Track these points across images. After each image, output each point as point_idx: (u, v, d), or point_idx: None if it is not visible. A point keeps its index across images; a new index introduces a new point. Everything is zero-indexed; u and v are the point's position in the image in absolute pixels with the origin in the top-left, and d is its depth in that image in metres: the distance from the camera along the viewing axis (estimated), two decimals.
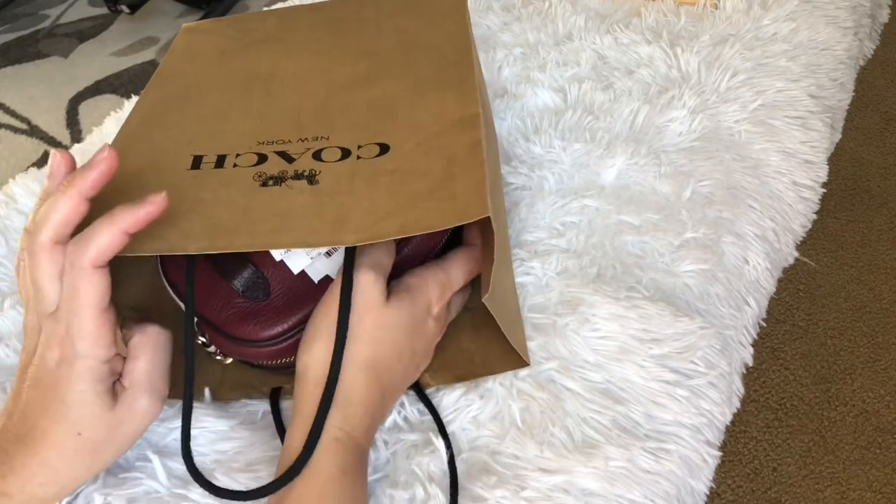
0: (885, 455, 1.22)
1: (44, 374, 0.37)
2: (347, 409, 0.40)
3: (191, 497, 0.42)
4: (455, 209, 0.39)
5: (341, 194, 0.41)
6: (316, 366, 0.41)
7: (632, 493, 0.43)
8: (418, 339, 0.44)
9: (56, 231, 0.36)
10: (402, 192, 0.41)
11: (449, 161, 0.43)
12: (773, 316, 1.39)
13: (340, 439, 0.39)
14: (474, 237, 0.48)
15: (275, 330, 0.43)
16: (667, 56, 0.74)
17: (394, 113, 0.47)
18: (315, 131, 0.46)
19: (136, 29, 2.17)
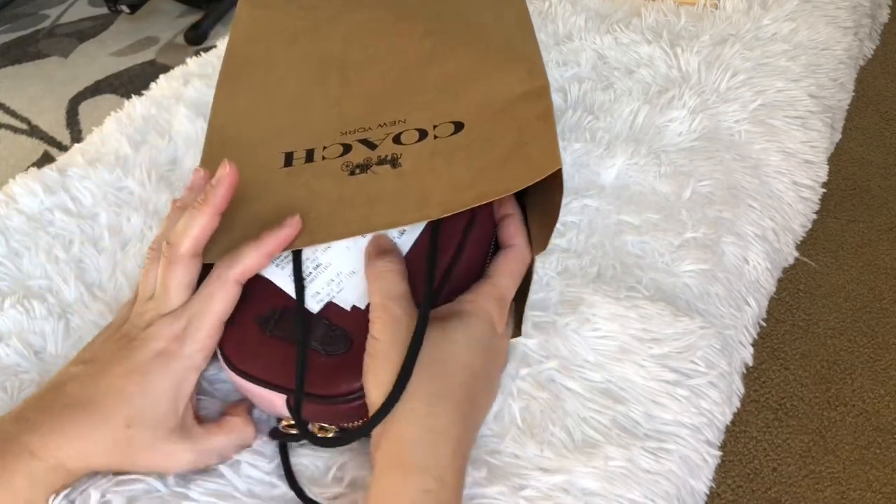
0: (885, 455, 1.22)
1: (135, 358, 0.40)
2: (432, 451, 0.37)
3: (191, 496, 0.42)
4: (529, 169, 0.42)
5: (423, 173, 0.44)
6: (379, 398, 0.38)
7: (632, 493, 0.43)
8: (491, 361, 0.42)
9: (194, 244, 0.42)
10: (479, 164, 0.44)
11: (520, 130, 0.45)
12: (773, 316, 1.39)
13: (432, 490, 0.36)
14: (511, 236, 0.45)
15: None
16: (667, 56, 0.74)
17: (464, 90, 0.49)
18: (392, 115, 0.49)
19: (136, 29, 2.17)
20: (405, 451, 0.37)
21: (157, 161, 0.64)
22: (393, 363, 0.38)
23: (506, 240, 0.46)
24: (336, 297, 0.42)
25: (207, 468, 0.42)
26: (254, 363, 0.41)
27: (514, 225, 0.46)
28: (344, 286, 0.42)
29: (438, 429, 0.37)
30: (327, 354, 0.40)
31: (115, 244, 0.57)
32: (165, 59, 2.04)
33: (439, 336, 0.39)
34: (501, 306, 0.43)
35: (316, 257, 0.43)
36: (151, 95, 0.72)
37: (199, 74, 0.73)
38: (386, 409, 0.37)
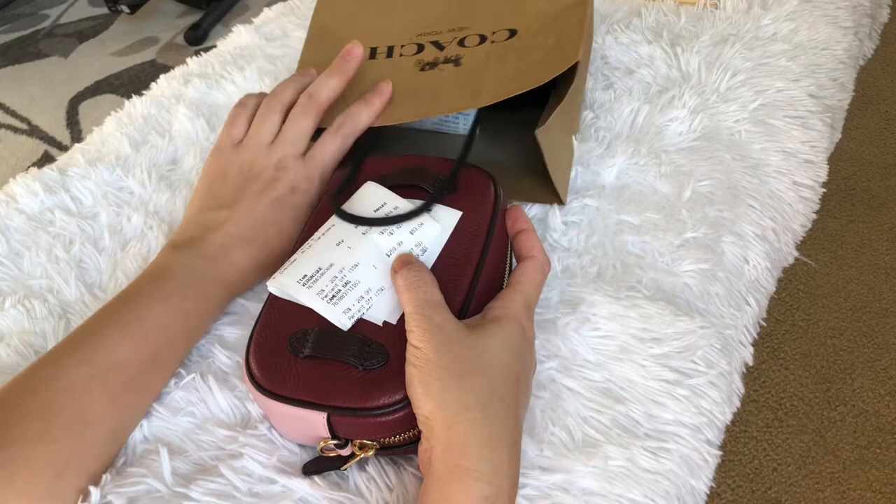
0: (885, 455, 1.22)
1: (275, 194, 0.51)
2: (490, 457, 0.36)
3: (192, 496, 0.42)
4: (559, 64, 0.52)
5: (478, 71, 0.55)
6: (440, 411, 0.37)
7: (632, 493, 0.43)
8: (527, 365, 0.42)
9: (329, 99, 0.55)
10: (524, 63, 0.54)
11: (559, 35, 0.55)
12: (773, 316, 1.39)
13: (489, 497, 0.36)
14: (529, 248, 0.47)
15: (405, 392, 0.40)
16: (667, 56, 0.74)
17: (522, 3, 0.60)
18: (460, 22, 0.60)
19: (136, 29, 2.17)
20: (465, 459, 0.36)
21: (157, 161, 0.64)
22: (440, 369, 0.38)
23: (524, 252, 0.47)
24: (367, 313, 0.42)
25: None
26: (289, 384, 0.40)
27: (531, 238, 0.47)
28: (374, 303, 0.43)
29: (494, 435, 0.37)
30: (365, 369, 0.40)
31: (115, 244, 0.57)
32: (165, 59, 2.04)
33: (479, 343, 0.39)
34: (529, 314, 0.44)
35: (344, 275, 0.43)
36: (151, 95, 0.72)
37: (199, 74, 0.74)
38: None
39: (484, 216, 0.47)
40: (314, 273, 0.44)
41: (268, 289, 0.45)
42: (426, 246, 0.45)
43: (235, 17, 2.18)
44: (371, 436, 0.41)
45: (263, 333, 0.43)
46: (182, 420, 0.46)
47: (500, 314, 0.42)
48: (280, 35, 0.78)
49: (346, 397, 0.39)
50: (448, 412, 0.37)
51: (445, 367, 0.38)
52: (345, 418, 0.40)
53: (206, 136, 0.66)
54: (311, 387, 0.40)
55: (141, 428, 0.46)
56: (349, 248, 0.45)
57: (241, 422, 0.46)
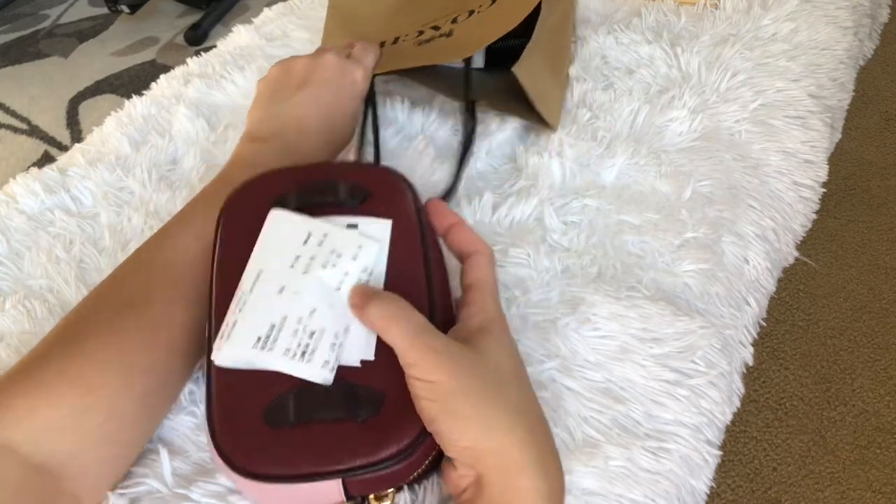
0: (885, 455, 1.22)
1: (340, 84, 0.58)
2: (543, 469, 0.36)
3: (192, 497, 0.42)
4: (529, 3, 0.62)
5: (465, 32, 0.63)
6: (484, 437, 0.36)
7: (632, 493, 0.43)
8: (522, 363, 0.41)
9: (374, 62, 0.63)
10: (502, 13, 0.63)
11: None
12: (773, 316, 1.39)
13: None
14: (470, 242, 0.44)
15: (417, 424, 0.37)
16: (667, 56, 0.74)
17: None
18: (455, 10, 0.68)
19: (136, 29, 2.17)
20: (523, 479, 0.36)
21: (157, 161, 0.64)
22: (466, 396, 0.36)
23: (465, 247, 0.44)
24: (341, 358, 0.38)
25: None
26: (289, 461, 0.36)
27: (465, 231, 0.44)
28: (344, 345, 0.39)
29: (541, 446, 0.37)
30: (362, 421, 0.37)
31: (115, 244, 0.57)
32: (165, 59, 2.04)
33: (485, 359, 0.38)
34: (499, 308, 0.42)
35: (305, 326, 0.39)
36: (151, 95, 0.72)
37: (199, 74, 0.74)
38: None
39: (409, 219, 0.43)
40: (269, 332, 0.38)
41: (214, 362, 0.38)
42: (371, 268, 0.41)
43: (235, 17, 2.18)
44: (389, 485, 0.39)
45: (226, 415, 0.37)
46: (184, 419, 0.46)
47: (483, 321, 0.40)
48: (280, 35, 0.78)
49: (356, 455, 0.36)
50: (494, 438, 0.36)
51: (470, 393, 0.36)
52: (358, 478, 0.37)
53: (206, 136, 0.66)
54: (314, 457, 0.36)
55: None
56: (295, 293, 0.39)
57: None
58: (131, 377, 0.42)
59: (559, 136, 0.65)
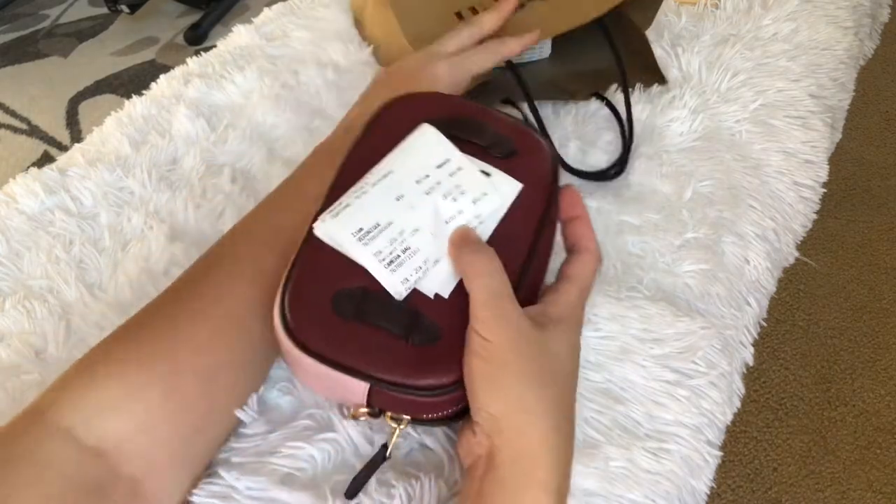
0: (885, 455, 1.22)
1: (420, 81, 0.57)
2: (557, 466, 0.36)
3: (194, 500, 0.42)
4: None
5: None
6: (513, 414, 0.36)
7: (632, 493, 0.43)
8: (579, 366, 0.41)
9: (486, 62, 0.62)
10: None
11: None
12: (773, 316, 1.39)
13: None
14: (583, 238, 0.43)
15: (458, 370, 0.38)
16: (668, 56, 0.74)
17: None
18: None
19: (136, 29, 2.17)
20: (540, 470, 0.36)
21: (157, 161, 0.64)
22: (515, 371, 0.36)
23: (579, 241, 0.43)
24: (420, 283, 0.39)
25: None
26: (332, 345, 0.37)
27: (586, 226, 0.43)
28: (429, 273, 0.39)
29: (560, 444, 0.37)
30: (414, 345, 0.38)
31: (115, 244, 0.57)
32: (165, 59, 2.04)
33: (551, 346, 0.38)
34: (583, 311, 0.42)
35: (404, 239, 0.39)
36: (151, 95, 0.72)
37: (199, 74, 0.73)
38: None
39: (541, 190, 0.43)
40: (371, 228, 0.39)
41: (314, 230, 0.40)
42: (484, 218, 0.41)
43: (235, 17, 2.18)
44: (410, 412, 0.39)
45: (304, 281, 0.39)
46: None
47: (565, 314, 0.39)
48: (280, 35, 0.78)
49: (394, 371, 0.37)
50: (523, 418, 0.36)
51: (520, 370, 0.36)
52: (387, 392, 0.38)
53: (206, 136, 0.66)
54: (357, 353, 0.37)
55: None
56: (410, 206, 0.40)
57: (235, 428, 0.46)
58: (189, 355, 0.40)
59: (559, 136, 0.65)
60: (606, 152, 0.64)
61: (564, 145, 0.64)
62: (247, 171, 0.63)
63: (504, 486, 0.36)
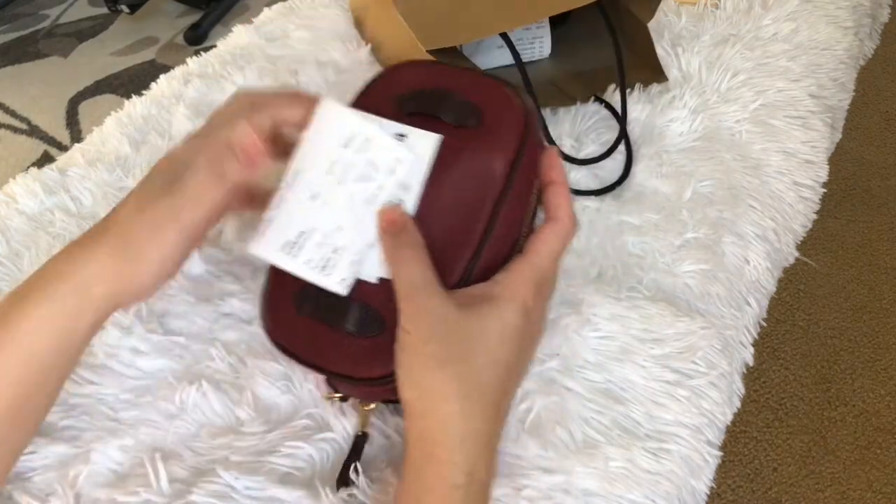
0: (885, 455, 1.22)
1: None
2: (464, 449, 0.36)
3: (194, 499, 0.42)
4: None
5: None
6: (419, 399, 0.37)
7: (632, 493, 0.43)
8: (524, 349, 0.40)
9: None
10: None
11: None
12: (774, 316, 1.39)
13: (461, 485, 0.36)
14: (556, 207, 0.41)
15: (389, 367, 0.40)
16: (668, 56, 0.74)
17: None
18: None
19: (136, 29, 2.17)
20: (439, 449, 0.36)
21: (156, 161, 0.64)
22: (425, 356, 0.37)
23: (549, 211, 0.41)
24: (361, 273, 0.40)
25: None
26: (294, 340, 0.41)
27: (560, 194, 0.41)
28: (367, 260, 0.40)
29: (471, 428, 0.37)
30: (362, 337, 0.39)
31: None
32: (165, 59, 2.04)
33: (469, 327, 0.37)
34: (538, 291, 0.39)
35: (330, 241, 0.40)
36: (151, 95, 0.72)
37: (199, 74, 0.73)
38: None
39: (505, 155, 0.40)
40: (297, 238, 0.40)
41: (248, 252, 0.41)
42: (409, 184, 0.40)
43: (235, 17, 2.18)
44: (369, 398, 0.43)
45: (275, 282, 0.42)
46: (178, 425, 0.46)
47: (499, 292, 0.38)
48: (280, 35, 0.78)
49: (343, 365, 0.40)
50: (426, 404, 0.37)
51: (431, 354, 0.36)
52: (343, 383, 0.41)
53: None
54: (311, 348, 0.40)
55: (135, 434, 0.46)
56: (326, 203, 0.40)
57: (234, 427, 0.46)
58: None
59: (559, 136, 0.65)
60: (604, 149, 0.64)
61: (562, 144, 0.64)
62: None
63: (410, 467, 0.37)
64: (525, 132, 0.41)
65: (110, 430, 0.46)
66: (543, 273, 0.40)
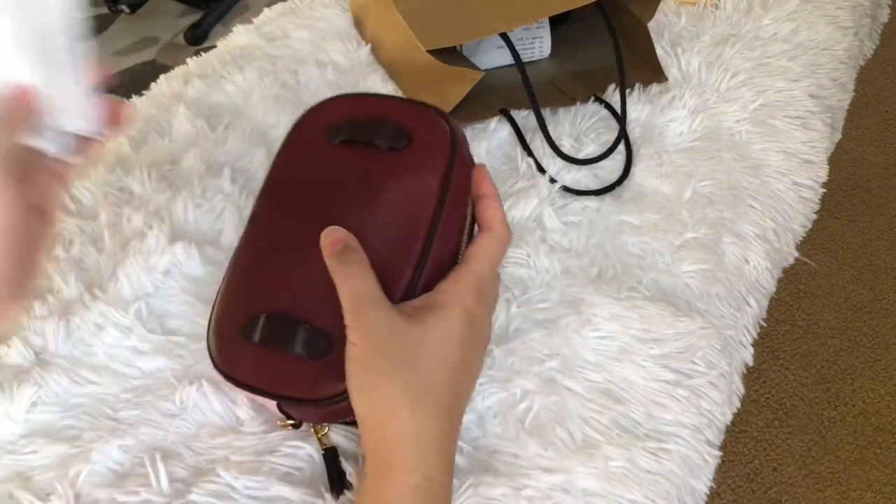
0: (885, 455, 1.22)
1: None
2: (418, 451, 0.37)
3: (193, 498, 0.42)
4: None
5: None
6: (372, 412, 0.38)
7: (632, 493, 0.43)
8: (472, 352, 0.41)
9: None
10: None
11: None
12: (773, 316, 1.39)
13: (421, 486, 0.37)
14: (489, 219, 0.43)
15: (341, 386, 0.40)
16: (668, 56, 0.74)
17: None
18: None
19: (136, 29, 2.17)
20: (395, 455, 0.37)
21: (157, 161, 0.64)
22: (374, 371, 0.38)
23: (483, 223, 0.43)
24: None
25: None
26: (243, 369, 0.41)
27: (491, 207, 0.43)
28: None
29: (424, 431, 0.37)
30: (311, 358, 0.40)
31: (115, 244, 0.57)
32: (165, 59, 2.04)
33: (415, 335, 0.38)
34: (479, 296, 0.41)
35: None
36: (151, 95, 0.72)
37: (199, 74, 0.73)
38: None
39: (436, 175, 0.42)
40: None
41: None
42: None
43: (235, 17, 2.18)
44: (321, 421, 0.43)
45: (221, 313, 0.43)
46: (177, 424, 0.46)
47: (442, 300, 0.40)
48: (280, 35, 0.78)
49: (293, 388, 0.40)
50: (379, 414, 0.38)
51: (379, 369, 0.38)
52: (293, 407, 0.41)
53: (206, 136, 0.66)
54: (262, 375, 0.41)
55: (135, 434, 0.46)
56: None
57: (234, 426, 0.46)
58: None
59: (560, 137, 0.65)
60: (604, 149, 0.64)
61: (562, 144, 0.64)
62: (247, 171, 0.63)
63: (369, 476, 0.38)
64: (452, 151, 0.43)
65: (110, 429, 0.46)
66: (483, 278, 0.42)
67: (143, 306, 0.52)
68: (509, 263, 0.54)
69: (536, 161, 0.62)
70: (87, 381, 0.48)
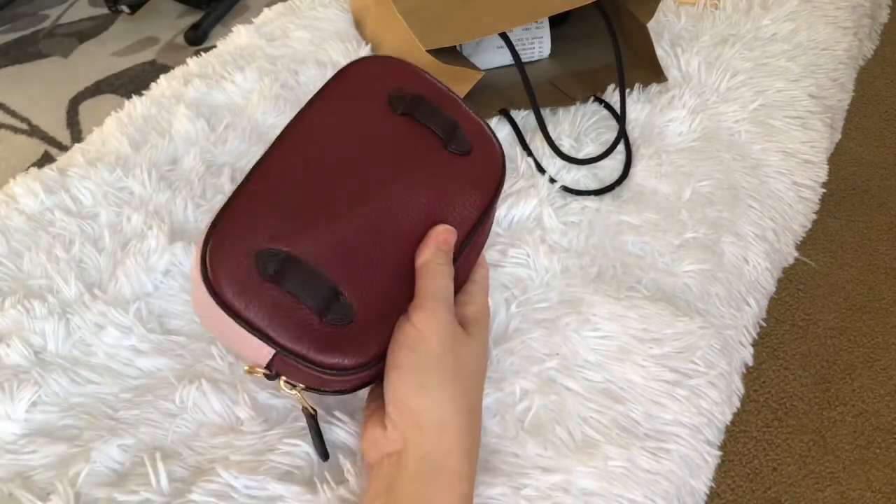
0: (885, 455, 1.22)
1: None
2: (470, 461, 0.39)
3: (193, 498, 0.42)
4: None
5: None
6: (436, 409, 0.38)
7: (631, 493, 0.43)
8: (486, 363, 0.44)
9: None
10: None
11: None
12: (773, 316, 1.39)
13: (467, 494, 0.38)
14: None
15: (365, 356, 0.39)
16: (667, 56, 0.74)
17: None
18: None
19: (136, 29, 2.17)
20: (452, 460, 0.38)
21: (157, 161, 0.64)
22: (443, 367, 0.38)
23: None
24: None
25: None
26: (248, 306, 0.36)
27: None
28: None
29: (474, 442, 0.39)
30: (326, 323, 0.37)
31: (115, 244, 0.57)
32: (165, 59, 2.04)
33: (471, 346, 0.40)
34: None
35: None
36: (151, 95, 0.72)
37: (199, 74, 0.73)
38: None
39: (485, 193, 0.45)
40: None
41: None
42: None
43: (235, 17, 2.18)
44: (310, 384, 0.40)
45: (230, 232, 0.38)
46: (178, 424, 0.46)
47: (480, 317, 0.42)
48: (280, 35, 0.78)
49: (301, 344, 0.37)
50: (444, 413, 0.38)
51: (448, 367, 0.38)
52: (290, 362, 0.38)
53: (206, 136, 0.66)
54: (267, 317, 0.37)
55: (135, 433, 0.46)
56: None
57: (233, 426, 0.46)
58: None
59: (559, 137, 0.65)
60: (603, 149, 0.64)
61: (561, 144, 0.64)
62: (246, 171, 0.63)
63: (413, 478, 0.37)
64: (500, 180, 0.45)
65: (110, 429, 0.46)
66: (487, 302, 0.45)
67: (142, 306, 0.52)
68: (509, 263, 0.54)
69: (536, 161, 0.62)
70: (87, 381, 0.48)
